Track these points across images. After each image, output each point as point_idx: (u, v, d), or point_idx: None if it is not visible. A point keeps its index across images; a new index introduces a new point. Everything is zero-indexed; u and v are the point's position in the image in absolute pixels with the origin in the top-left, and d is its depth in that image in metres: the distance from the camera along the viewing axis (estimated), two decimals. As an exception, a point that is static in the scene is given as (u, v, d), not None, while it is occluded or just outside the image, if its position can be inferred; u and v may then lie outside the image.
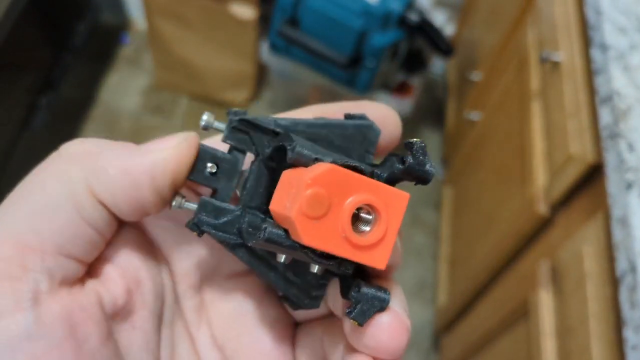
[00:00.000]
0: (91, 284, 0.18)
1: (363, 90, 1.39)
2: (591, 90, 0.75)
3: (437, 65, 1.77)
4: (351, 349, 0.18)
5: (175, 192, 0.19)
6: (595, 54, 0.74)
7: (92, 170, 0.17)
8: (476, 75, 1.35)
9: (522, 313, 0.82)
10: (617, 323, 0.59)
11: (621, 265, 0.58)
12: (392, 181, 0.19)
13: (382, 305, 0.18)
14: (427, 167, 0.19)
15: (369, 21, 1.24)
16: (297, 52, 1.34)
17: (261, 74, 1.58)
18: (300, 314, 0.23)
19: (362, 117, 0.21)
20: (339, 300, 0.19)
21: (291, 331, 0.23)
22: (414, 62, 1.45)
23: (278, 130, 0.19)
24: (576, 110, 0.77)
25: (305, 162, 0.17)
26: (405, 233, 1.52)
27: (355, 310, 0.17)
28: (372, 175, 0.19)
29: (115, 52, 1.62)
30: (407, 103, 1.54)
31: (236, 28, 1.35)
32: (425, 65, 1.48)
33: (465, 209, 1.30)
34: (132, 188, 0.17)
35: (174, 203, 0.19)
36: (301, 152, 0.17)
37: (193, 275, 0.21)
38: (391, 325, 0.17)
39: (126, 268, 0.19)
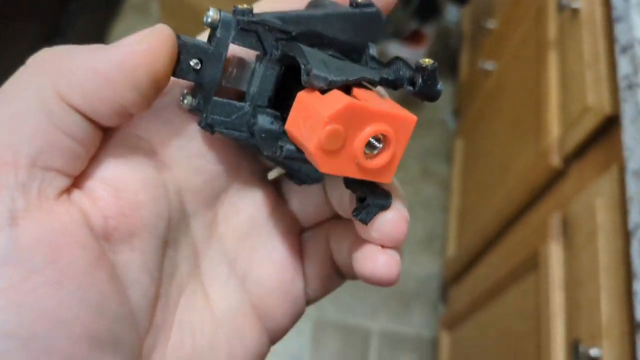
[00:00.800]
0: (79, 203, 0.17)
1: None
2: (611, 39, 0.73)
3: (452, 12, 1.73)
4: (359, 242, 0.21)
5: (159, 89, 0.18)
6: (616, 0, 0.71)
7: (58, 73, 0.16)
8: (492, 23, 1.32)
9: (531, 265, 0.82)
10: (628, 276, 0.59)
11: (634, 218, 0.57)
12: (397, 85, 0.20)
13: (384, 205, 0.20)
14: (437, 87, 0.20)
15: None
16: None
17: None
18: (308, 219, 0.24)
19: (368, 4, 0.21)
20: (344, 200, 0.21)
21: (299, 241, 0.24)
22: (428, 10, 1.41)
23: (286, 29, 0.20)
24: (594, 59, 0.75)
25: (320, 86, 0.18)
26: (415, 185, 1.52)
27: (361, 214, 0.20)
28: (381, 81, 0.20)
29: (123, 0, 1.59)
30: (420, 52, 1.51)
31: (245, -27, 1.31)
32: (439, 12, 1.44)
33: (477, 161, 1.29)
34: (105, 86, 0.16)
35: (185, 101, 0.19)
36: (317, 75, 0.18)
37: (205, 192, 0.21)
38: (392, 220, 0.20)
39: (121, 189, 0.19)
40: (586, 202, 0.70)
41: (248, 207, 0.22)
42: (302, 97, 0.18)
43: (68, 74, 0.16)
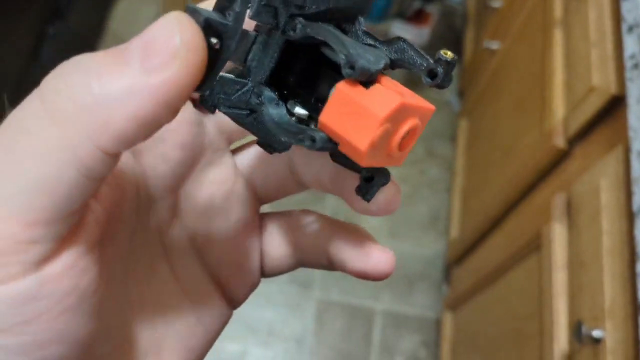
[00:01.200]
0: (92, 213, 0.18)
1: (377, 18, 1.35)
2: (617, 18, 0.71)
3: (456, -9, 1.71)
4: (350, 240, 0.23)
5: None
6: (624, -23, 0.70)
7: (98, 129, 0.15)
8: (497, 2, 1.30)
9: (534, 246, 0.82)
10: (631, 258, 0.59)
11: (639, 199, 0.57)
12: (397, 65, 0.20)
13: (384, 183, 0.21)
14: (451, 77, 0.20)
15: (385, -56, 1.19)
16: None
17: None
18: (268, 194, 0.25)
19: None
20: (322, 177, 0.22)
21: (257, 217, 0.25)
22: (432, -11, 1.39)
23: (302, 4, 0.19)
24: (600, 38, 0.73)
25: (362, 79, 0.18)
26: (420, 166, 1.52)
27: (367, 193, 0.21)
28: (388, 63, 0.20)
29: (124, -21, 1.58)
30: (424, 32, 1.50)
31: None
32: (443, -9, 1.43)
33: (480, 142, 1.28)
34: (149, 129, 0.15)
35: None
36: (363, 67, 0.17)
37: (169, 177, 0.22)
38: (392, 195, 0.21)
39: (112, 184, 0.19)
40: (590, 183, 0.69)
41: (208, 186, 0.23)
42: (343, 90, 0.18)
43: (110, 128, 0.15)
